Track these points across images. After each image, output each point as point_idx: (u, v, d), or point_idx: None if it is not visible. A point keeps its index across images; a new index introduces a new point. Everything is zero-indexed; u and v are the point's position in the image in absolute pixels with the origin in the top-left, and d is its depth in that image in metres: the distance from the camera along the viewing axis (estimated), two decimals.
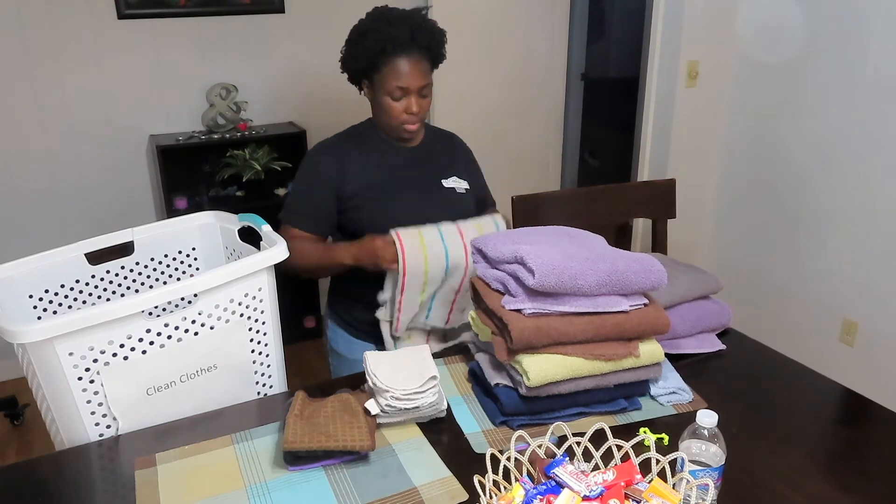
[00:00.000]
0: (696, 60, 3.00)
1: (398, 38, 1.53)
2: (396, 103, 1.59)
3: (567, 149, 4.24)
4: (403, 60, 1.55)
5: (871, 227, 2.60)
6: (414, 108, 1.59)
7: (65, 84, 2.85)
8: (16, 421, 2.77)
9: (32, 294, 1.42)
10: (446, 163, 1.74)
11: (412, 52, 1.55)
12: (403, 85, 1.56)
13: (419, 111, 1.60)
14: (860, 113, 2.58)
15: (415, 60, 1.56)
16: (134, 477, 1.13)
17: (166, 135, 3.01)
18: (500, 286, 1.30)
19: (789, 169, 2.89)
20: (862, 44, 2.53)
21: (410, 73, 1.56)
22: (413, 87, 1.57)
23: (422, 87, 1.58)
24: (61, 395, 1.19)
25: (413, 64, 1.56)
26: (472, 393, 1.37)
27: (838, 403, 1.40)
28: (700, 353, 1.50)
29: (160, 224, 1.59)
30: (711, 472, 1.01)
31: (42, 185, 2.92)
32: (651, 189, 2.22)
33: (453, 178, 1.72)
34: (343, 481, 1.12)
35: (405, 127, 1.62)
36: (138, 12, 2.87)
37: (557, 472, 0.95)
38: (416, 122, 1.62)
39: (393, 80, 1.56)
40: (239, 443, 1.22)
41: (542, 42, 3.59)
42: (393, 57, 1.55)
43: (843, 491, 1.10)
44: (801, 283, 2.92)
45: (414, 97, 1.58)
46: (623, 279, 1.25)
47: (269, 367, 1.44)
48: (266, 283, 1.37)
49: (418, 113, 1.60)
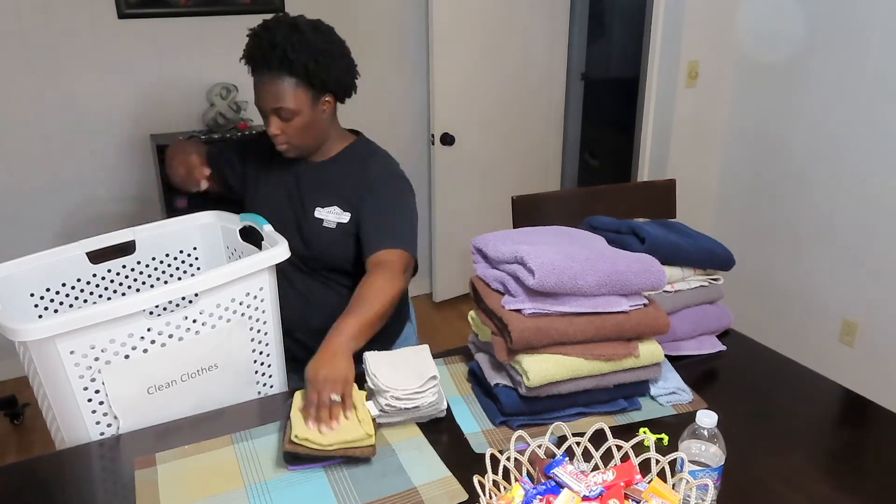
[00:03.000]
0: (696, 60, 3.00)
1: (253, 54, 1.44)
2: (264, 121, 1.49)
3: (567, 149, 4.25)
4: (260, 80, 1.44)
5: (871, 228, 2.60)
6: (271, 128, 1.46)
7: (65, 83, 2.84)
8: (16, 420, 2.77)
9: (34, 292, 1.42)
10: (335, 188, 1.55)
11: (263, 72, 1.43)
12: (258, 104, 1.47)
13: (279, 133, 1.47)
14: (860, 113, 2.58)
15: (270, 81, 1.43)
16: (134, 476, 1.13)
17: (167, 134, 3.01)
18: (499, 286, 1.30)
19: (789, 169, 2.90)
20: (862, 44, 2.54)
21: (262, 94, 1.45)
22: (265, 108, 1.46)
23: (276, 108, 1.44)
24: (62, 394, 1.19)
25: (267, 84, 1.43)
26: (472, 393, 1.37)
27: (838, 404, 1.40)
28: (700, 354, 1.50)
29: (161, 223, 1.59)
30: (711, 473, 1.01)
31: (42, 185, 2.92)
32: (651, 189, 2.22)
33: (331, 209, 1.53)
34: (343, 481, 1.12)
35: (276, 147, 1.51)
36: (139, 12, 2.87)
37: (557, 472, 0.96)
38: (283, 144, 1.49)
39: (255, 97, 1.47)
40: (239, 442, 1.22)
41: (543, 42, 3.59)
42: (255, 75, 1.46)
43: (842, 491, 1.10)
44: (801, 283, 2.92)
45: (272, 118, 1.46)
46: (623, 279, 1.25)
47: (270, 367, 1.44)
48: (267, 283, 1.37)
49: (278, 136, 1.47)
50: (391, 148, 1.68)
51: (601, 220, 1.59)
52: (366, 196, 1.53)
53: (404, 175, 1.59)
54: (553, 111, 3.77)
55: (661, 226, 1.57)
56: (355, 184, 1.55)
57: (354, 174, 1.56)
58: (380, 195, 1.53)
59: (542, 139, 3.77)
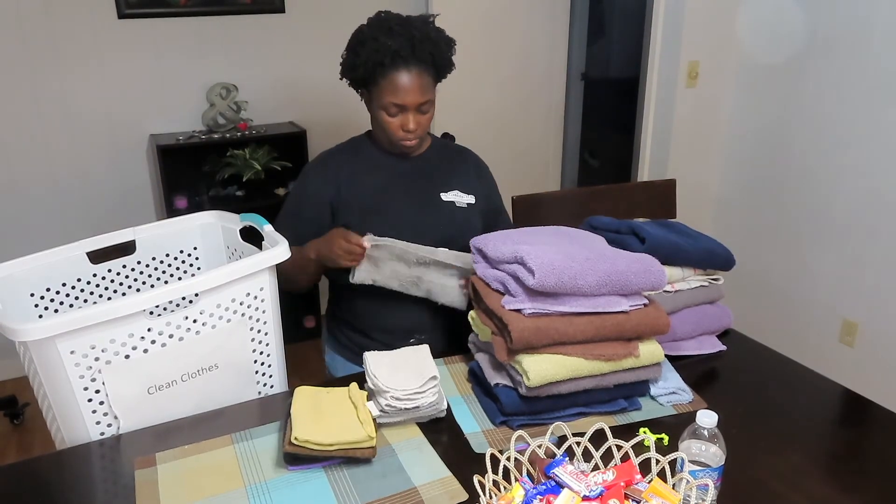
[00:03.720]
0: (696, 61, 3.00)
1: (396, 51, 1.44)
2: (392, 119, 1.50)
3: (567, 149, 4.24)
4: (401, 75, 1.45)
5: (871, 228, 2.60)
6: (410, 125, 1.50)
7: (65, 83, 2.85)
8: (16, 420, 2.77)
9: (34, 292, 1.42)
10: (448, 175, 1.64)
11: (411, 67, 1.45)
12: (399, 102, 1.47)
13: (416, 128, 1.51)
14: (860, 113, 2.58)
15: (414, 75, 1.46)
16: (134, 476, 1.13)
17: (166, 134, 3.01)
18: (499, 286, 1.30)
19: (789, 170, 2.90)
20: (862, 44, 2.54)
21: (408, 90, 1.46)
22: (411, 105, 1.48)
23: (420, 104, 1.49)
24: (62, 394, 1.19)
25: (412, 79, 1.46)
26: (472, 393, 1.37)
27: (838, 404, 1.40)
28: (700, 354, 1.50)
29: (162, 223, 1.59)
30: (711, 473, 1.01)
31: (43, 185, 2.93)
32: (651, 189, 2.22)
33: (454, 192, 1.62)
34: (343, 481, 1.12)
35: (402, 143, 1.54)
36: (139, 12, 2.87)
37: (557, 472, 0.96)
38: (413, 140, 1.54)
39: (389, 95, 1.47)
40: (239, 442, 1.22)
41: (543, 42, 3.59)
42: (390, 70, 1.46)
43: (842, 491, 1.10)
44: (801, 283, 2.92)
45: (411, 114, 1.49)
46: (623, 279, 1.25)
47: (270, 367, 1.44)
48: (267, 283, 1.37)
49: (415, 130, 1.51)
50: None
51: (601, 220, 1.60)
52: (483, 181, 1.71)
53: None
54: (553, 111, 3.77)
55: (662, 226, 1.57)
56: (466, 169, 1.69)
57: (458, 161, 1.70)
58: (491, 183, 1.75)
59: (542, 139, 3.77)
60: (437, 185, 1.63)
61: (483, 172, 1.73)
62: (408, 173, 1.62)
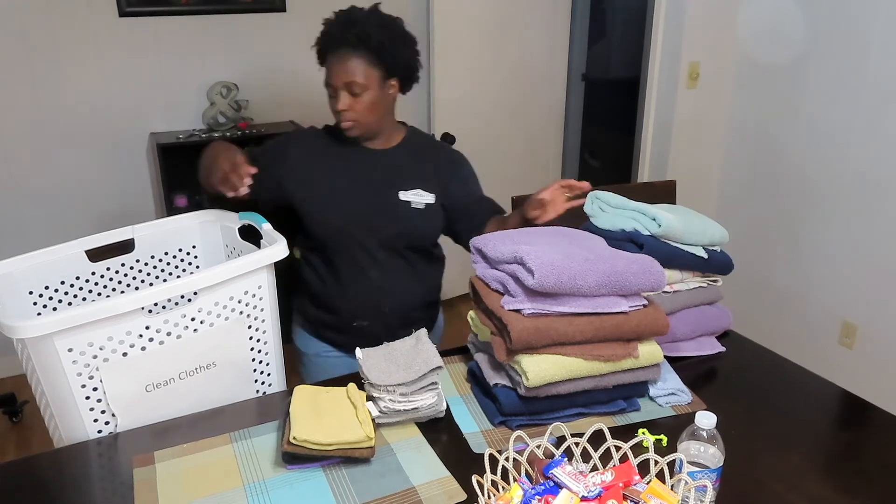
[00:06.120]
0: (696, 61, 3.00)
1: (329, 34, 1.52)
2: (331, 100, 1.55)
3: (567, 149, 4.24)
4: (331, 56, 1.53)
5: (870, 230, 2.60)
6: (339, 104, 1.53)
7: (66, 82, 2.84)
8: (14, 418, 2.76)
9: (32, 290, 1.42)
10: (412, 173, 1.64)
11: (340, 48, 1.51)
12: (330, 81, 1.53)
13: (347, 109, 1.53)
14: (860, 114, 2.58)
15: (341, 56, 1.51)
16: (132, 475, 1.13)
17: (167, 133, 3.01)
18: (499, 286, 1.30)
19: (789, 171, 2.90)
20: (862, 44, 2.53)
21: (335, 70, 1.52)
22: (338, 84, 1.52)
23: (347, 83, 1.51)
24: (60, 392, 1.19)
25: (338, 59, 1.51)
26: (471, 393, 1.37)
27: (837, 406, 1.40)
28: (699, 355, 1.50)
29: (161, 222, 1.59)
30: (710, 474, 1.01)
31: (42, 183, 2.92)
32: (651, 190, 2.22)
33: (415, 191, 1.62)
34: (341, 480, 1.12)
35: (341, 125, 1.57)
36: (139, 10, 2.86)
37: (556, 472, 0.95)
38: (349, 122, 1.55)
39: (326, 76, 1.55)
40: (237, 441, 1.22)
41: (543, 42, 3.58)
42: (326, 53, 1.54)
43: (841, 493, 1.10)
44: (800, 285, 2.92)
45: (342, 94, 1.52)
46: (622, 280, 1.25)
47: (269, 366, 1.44)
48: (266, 282, 1.37)
49: (344, 111, 1.53)
50: None
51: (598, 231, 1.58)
52: (452, 177, 1.68)
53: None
54: (553, 111, 3.77)
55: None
56: (434, 167, 1.66)
57: (428, 158, 1.68)
58: (464, 176, 1.71)
59: (542, 139, 3.77)
60: (396, 182, 1.63)
61: (457, 166, 1.72)
62: (370, 167, 1.64)
